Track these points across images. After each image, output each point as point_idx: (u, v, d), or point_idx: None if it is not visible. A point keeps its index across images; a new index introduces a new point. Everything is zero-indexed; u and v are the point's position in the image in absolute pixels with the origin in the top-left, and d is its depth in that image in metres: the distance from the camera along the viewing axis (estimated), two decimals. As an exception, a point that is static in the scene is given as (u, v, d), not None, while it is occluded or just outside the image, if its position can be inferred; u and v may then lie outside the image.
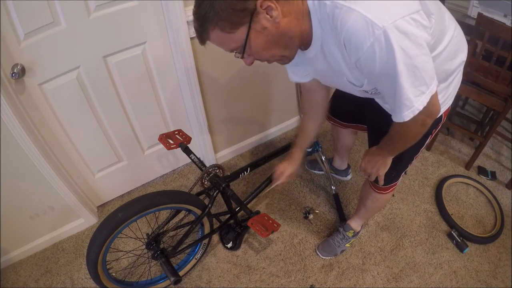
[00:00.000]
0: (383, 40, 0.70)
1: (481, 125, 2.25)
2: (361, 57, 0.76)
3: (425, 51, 0.75)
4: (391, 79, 0.77)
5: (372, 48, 0.73)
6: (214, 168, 1.45)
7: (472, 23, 1.91)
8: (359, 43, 0.73)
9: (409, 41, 0.71)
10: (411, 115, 0.82)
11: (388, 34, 0.69)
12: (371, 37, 0.71)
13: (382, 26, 0.69)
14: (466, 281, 1.62)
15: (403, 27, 0.70)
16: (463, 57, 1.01)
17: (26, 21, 1.20)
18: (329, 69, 0.93)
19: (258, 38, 0.79)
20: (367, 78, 0.86)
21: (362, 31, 0.71)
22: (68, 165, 1.67)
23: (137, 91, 1.65)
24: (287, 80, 1.20)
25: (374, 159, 1.17)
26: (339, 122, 1.59)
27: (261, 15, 0.75)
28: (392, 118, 0.88)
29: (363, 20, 0.70)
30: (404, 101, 0.80)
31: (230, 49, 0.82)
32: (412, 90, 0.78)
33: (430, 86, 0.79)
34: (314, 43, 0.86)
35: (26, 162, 1.44)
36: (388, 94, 0.84)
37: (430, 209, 1.92)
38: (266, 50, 0.83)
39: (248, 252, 1.73)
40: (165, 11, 1.42)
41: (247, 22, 0.75)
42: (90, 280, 1.59)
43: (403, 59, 0.72)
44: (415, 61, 0.74)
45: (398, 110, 0.83)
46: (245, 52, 0.81)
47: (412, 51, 0.72)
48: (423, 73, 0.76)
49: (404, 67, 0.73)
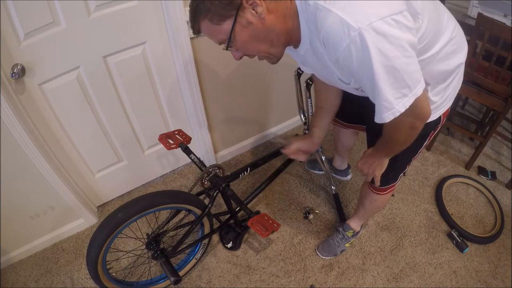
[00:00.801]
0: (359, 42, 0.70)
1: (481, 125, 2.25)
2: (339, 57, 0.77)
3: (408, 53, 0.74)
4: (369, 80, 0.77)
5: (348, 49, 0.73)
6: (214, 168, 1.45)
7: (472, 23, 1.91)
8: (336, 43, 0.75)
9: (388, 43, 0.70)
10: (391, 117, 0.81)
11: (364, 35, 0.69)
12: (347, 39, 0.71)
13: (357, 27, 0.69)
14: (466, 281, 1.62)
15: (381, 28, 0.69)
16: (462, 58, 0.99)
17: (26, 21, 1.20)
18: (320, 66, 0.95)
19: (243, 32, 0.81)
20: (350, 76, 0.87)
21: (338, 33, 0.72)
22: (68, 165, 1.67)
23: (137, 91, 1.65)
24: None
25: (371, 160, 1.17)
26: (340, 122, 1.59)
27: (247, 10, 0.78)
28: (374, 119, 0.87)
29: (339, 21, 0.71)
30: (383, 102, 0.79)
31: (219, 41, 0.86)
32: (392, 92, 0.77)
33: (414, 89, 0.78)
34: (303, 41, 0.88)
35: (26, 162, 1.45)
36: (369, 94, 0.84)
37: (430, 209, 1.92)
38: (252, 45, 0.85)
39: (248, 252, 1.73)
40: (165, 11, 1.42)
41: (233, 16, 0.78)
42: (90, 280, 1.60)
43: (380, 61, 0.72)
44: (395, 63, 0.73)
45: (378, 111, 0.83)
46: (229, 44, 0.84)
47: (391, 53, 0.71)
48: (404, 75, 0.75)
49: (381, 69, 0.73)
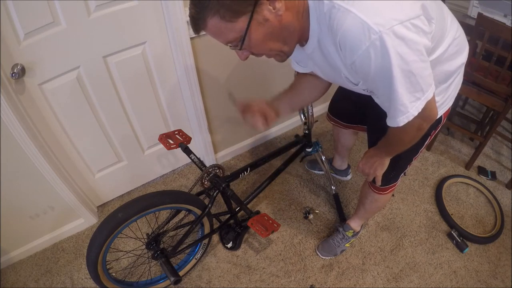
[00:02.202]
0: (379, 45, 0.69)
1: (481, 125, 2.25)
2: (355, 60, 0.75)
3: (423, 57, 0.74)
4: (386, 84, 0.76)
5: (367, 52, 0.71)
6: (214, 168, 1.45)
7: (472, 23, 1.90)
8: (354, 46, 0.72)
9: (407, 47, 0.70)
10: (405, 121, 0.81)
11: (384, 39, 0.68)
12: (367, 41, 0.70)
13: (378, 30, 0.68)
14: (466, 281, 1.62)
15: (401, 32, 0.69)
16: (464, 59, 1.00)
17: (26, 21, 1.20)
18: (327, 66, 0.93)
19: (258, 30, 0.76)
20: (362, 79, 0.86)
21: (358, 35, 0.70)
22: (68, 165, 1.67)
23: (137, 91, 1.65)
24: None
25: (372, 160, 1.17)
26: (340, 122, 1.59)
27: (264, 6, 0.73)
28: (387, 123, 0.87)
29: (359, 23, 0.69)
30: (399, 106, 0.79)
31: (227, 40, 0.79)
32: (408, 96, 0.77)
33: (426, 92, 0.78)
34: (311, 40, 0.86)
35: (26, 162, 1.45)
36: (383, 98, 0.83)
37: (430, 209, 1.92)
38: (265, 43, 0.81)
39: (248, 252, 1.73)
40: (165, 11, 1.42)
41: (249, 12, 0.72)
42: (90, 280, 1.59)
43: (399, 65, 0.71)
44: (412, 67, 0.73)
45: (392, 115, 0.83)
46: (244, 43, 0.78)
47: (409, 57, 0.71)
48: (419, 79, 0.75)
49: (400, 73, 0.73)
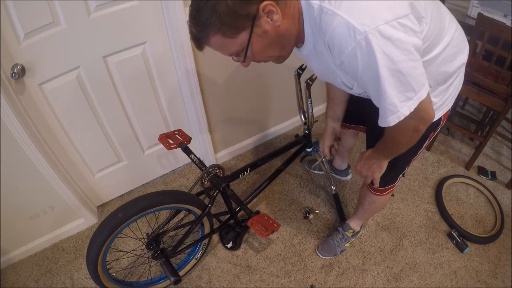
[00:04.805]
0: (364, 45, 0.70)
1: (481, 125, 2.25)
2: (344, 60, 0.77)
3: (413, 57, 0.74)
4: (374, 84, 0.77)
5: (354, 53, 0.73)
6: (214, 168, 1.45)
7: (472, 23, 1.91)
8: (342, 47, 0.74)
9: (394, 47, 0.70)
10: (396, 120, 0.81)
11: (370, 39, 0.69)
12: (353, 42, 0.71)
13: (364, 31, 0.69)
14: (466, 281, 1.62)
15: (387, 32, 0.69)
16: (464, 59, 0.99)
17: (26, 21, 1.20)
18: (322, 67, 0.94)
19: (259, 42, 0.79)
20: (354, 79, 0.86)
21: (344, 36, 0.72)
22: (68, 165, 1.67)
23: (137, 91, 1.65)
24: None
25: (370, 162, 1.17)
26: (340, 123, 1.58)
27: (262, 19, 0.75)
28: (378, 123, 0.87)
29: (345, 24, 0.70)
30: (388, 106, 0.79)
31: (230, 53, 0.82)
32: (397, 95, 0.77)
33: (419, 92, 0.78)
34: (307, 42, 0.87)
35: (26, 162, 1.45)
36: (374, 97, 0.83)
37: (430, 209, 1.92)
38: (265, 52, 0.84)
39: (248, 252, 1.73)
40: (165, 11, 1.42)
41: (249, 27, 0.75)
42: (90, 280, 1.60)
43: (386, 65, 0.72)
44: (400, 66, 0.73)
45: (383, 115, 0.83)
46: (246, 56, 0.81)
47: (397, 56, 0.71)
48: (410, 79, 0.75)
49: (387, 73, 0.73)
